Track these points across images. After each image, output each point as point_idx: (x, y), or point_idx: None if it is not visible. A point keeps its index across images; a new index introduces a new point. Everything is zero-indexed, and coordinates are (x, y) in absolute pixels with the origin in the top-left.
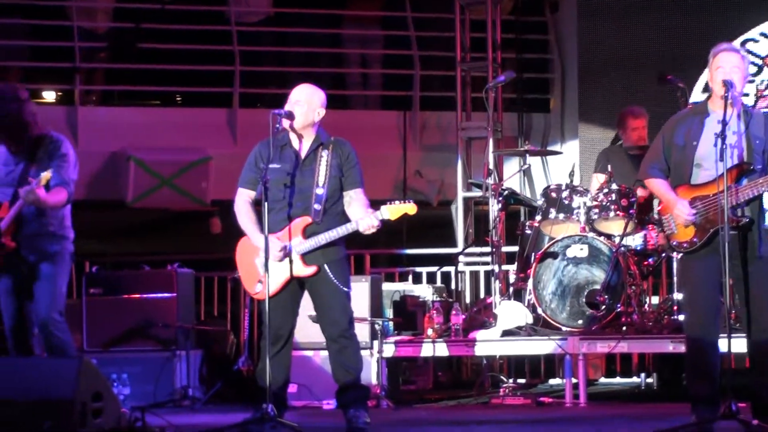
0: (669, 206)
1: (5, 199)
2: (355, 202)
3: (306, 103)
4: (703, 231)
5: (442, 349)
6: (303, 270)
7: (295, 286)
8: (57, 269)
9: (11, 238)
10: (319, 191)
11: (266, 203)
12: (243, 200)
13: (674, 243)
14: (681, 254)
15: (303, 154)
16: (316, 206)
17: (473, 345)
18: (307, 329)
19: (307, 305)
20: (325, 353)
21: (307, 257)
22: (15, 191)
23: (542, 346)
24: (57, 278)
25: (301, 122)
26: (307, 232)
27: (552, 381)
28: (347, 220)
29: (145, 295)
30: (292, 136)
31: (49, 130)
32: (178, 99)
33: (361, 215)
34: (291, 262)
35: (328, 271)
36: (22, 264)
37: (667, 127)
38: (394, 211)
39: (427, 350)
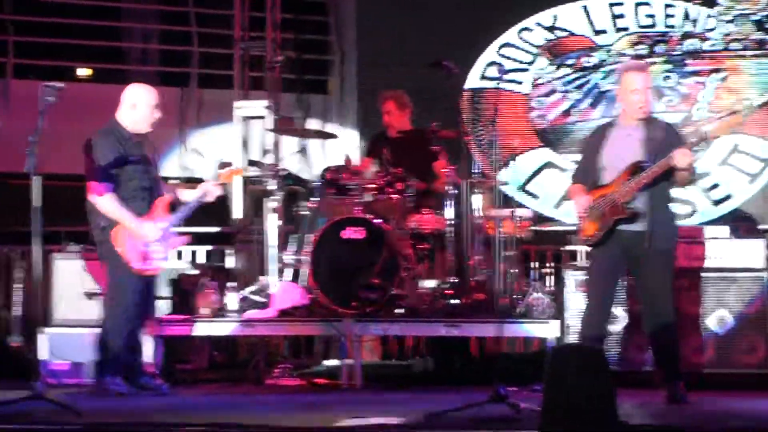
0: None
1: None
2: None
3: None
4: (602, 224)
5: (216, 329)
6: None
7: None
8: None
9: None
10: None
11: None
12: (115, 197)
13: (582, 238)
14: (590, 248)
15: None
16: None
17: (248, 325)
18: (82, 306)
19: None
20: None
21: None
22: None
23: (317, 327)
24: None
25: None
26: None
27: (328, 362)
28: None
29: None
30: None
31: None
32: None
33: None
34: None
35: None
36: None
37: (588, 137)
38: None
39: (201, 329)
